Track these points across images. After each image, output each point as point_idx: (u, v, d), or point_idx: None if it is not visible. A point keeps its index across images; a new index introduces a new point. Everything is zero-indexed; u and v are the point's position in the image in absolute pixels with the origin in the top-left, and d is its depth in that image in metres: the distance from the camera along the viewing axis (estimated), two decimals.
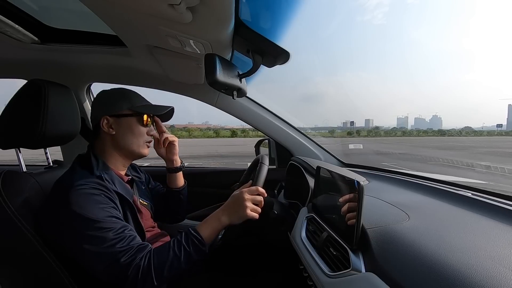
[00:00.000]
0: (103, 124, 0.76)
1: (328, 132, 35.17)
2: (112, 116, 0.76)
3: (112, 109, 0.77)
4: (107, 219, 0.62)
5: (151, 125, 0.83)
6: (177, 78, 1.19)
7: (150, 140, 0.83)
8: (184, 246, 0.65)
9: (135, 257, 0.60)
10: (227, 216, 0.72)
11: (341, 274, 0.52)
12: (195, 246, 0.66)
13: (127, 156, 0.81)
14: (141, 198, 0.85)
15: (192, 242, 0.66)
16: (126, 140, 0.78)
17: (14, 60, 1.11)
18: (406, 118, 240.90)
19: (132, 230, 0.67)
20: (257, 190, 0.75)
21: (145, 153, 0.82)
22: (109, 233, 0.61)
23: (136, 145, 0.79)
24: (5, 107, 0.74)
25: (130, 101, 0.79)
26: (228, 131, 42.86)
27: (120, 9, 0.60)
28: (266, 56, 0.75)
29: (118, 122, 0.77)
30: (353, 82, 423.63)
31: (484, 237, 0.48)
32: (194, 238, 0.66)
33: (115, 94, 0.80)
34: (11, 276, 0.68)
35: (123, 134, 0.77)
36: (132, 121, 0.78)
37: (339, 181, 0.65)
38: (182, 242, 0.65)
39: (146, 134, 0.81)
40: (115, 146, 0.78)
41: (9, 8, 0.83)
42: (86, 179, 0.66)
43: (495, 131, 57.56)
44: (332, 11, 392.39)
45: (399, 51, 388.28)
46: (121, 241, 0.61)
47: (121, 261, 0.59)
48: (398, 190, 0.88)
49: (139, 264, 0.60)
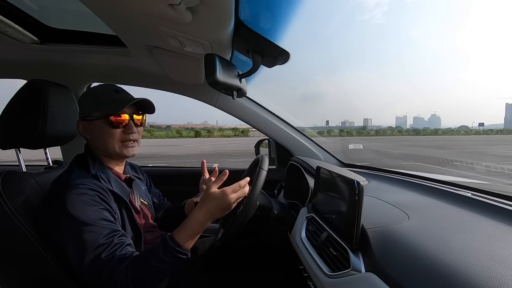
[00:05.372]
0: (79, 130, 0.74)
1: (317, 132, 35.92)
2: (84, 120, 0.73)
3: (82, 113, 0.74)
4: (98, 222, 0.62)
5: (129, 122, 0.73)
6: (177, 78, 1.19)
7: (129, 139, 0.74)
8: (161, 257, 0.62)
9: (114, 271, 0.59)
10: (210, 218, 0.68)
11: (341, 274, 0.52)
12: (173, 256, 0.63)
13: (111, 157, 0.76)
14: (141, 197, 0.85)
15: (170, 252, 0.63)
16: (101, 143, 0.73)
17: (14, 60, 1.11)
18: (405, 118, 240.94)
19: (124, 234, 0.66)
20: (239, 186, 0.70)
21: (126, 153, 0.74)
22: (98, 237, 0.60)
23: (112, 147, 0.72)
24: (5, 107, 0.74)
25: (96, 101, 0.72)
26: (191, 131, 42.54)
27: (120, 9, 0.60)
28: (266, 56, 0.75)
29: (90, 126, 0.73)
30: (352, 81, 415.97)
31: (484, 237, 0.48)
32: (172, 249, 0.63)
33: (86, 96, 0.76)
34: (11, 276, 0.68)
35: (96, 138, 0.73)
36: (100, 124, 0.71)
37: (339, 181, 0.65)
38: (160, 253, 0.62)
39: (122, 134, 0.73)
40: (95, 149, 0.75)
41: (9, 8, 0.83)
42: (82, 179, 0.66)
43: (473, 129, 58.64)
44: (332, 11, 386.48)
45: (399, 51, 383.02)
46: (106, 249, 0.60)
47: (102, 271, 0.59)
48: (398, 190, 0.88)
49: (117, 279, 0.59)
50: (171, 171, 1.52)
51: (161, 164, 8.50)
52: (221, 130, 46.57)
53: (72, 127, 0.81)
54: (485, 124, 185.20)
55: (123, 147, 0.74)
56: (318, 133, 13.07)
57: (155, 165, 1.33)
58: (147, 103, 0.76)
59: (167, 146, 17.99)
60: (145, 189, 0.93)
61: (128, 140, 0.74)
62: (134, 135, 0.75)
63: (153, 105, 0.78)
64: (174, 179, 1.44)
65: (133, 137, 0.75)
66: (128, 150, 0.74)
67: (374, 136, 46.83)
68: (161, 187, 1.10)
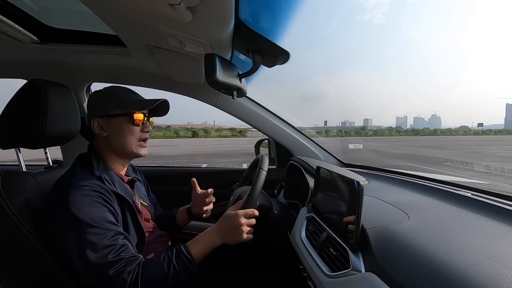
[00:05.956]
0: (94, 127, 0.74)
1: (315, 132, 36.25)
2: (101, 117, 0.74)
3: (100, 110, 0.74)
4: (103, 224, 0.61)
5: (146, 122, 0.78)
6: (177, 78, 1.19)
7: (145, 138, 0.79)
8: (174, 264, 0.63)
9: (123, 270, 0.59)
10: (221, 238, 0.71)
11: (341, 274, 0.52)
12: (185, 265, 0.64)
13: (122, 156, 0.78)
14: (141, 199, 0.85)
15: (182, 261, 0.65)
16: (118, 141, 0.75)
17: (14, 60, 1.10)
18: (405, 118, 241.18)
19: (126, 237, 0.66)
20: (253, 213, 0.74)
21: (141, 153, 0.78)
22: (103, 239, 0.60)
23: (129, 146, 0.75)
24: (5, 107, 0.74)
25: (117, 99, 0.75)
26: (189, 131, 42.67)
27: (120, 9, 0.60)
28: (266, 56, 0.75)
29: (108, 123, 0.74)
30: (353, 81, 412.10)
31: (484, 237, 0.48)
32: (184, 257, 0.65)
33: (104, 94, 0.77)
34: (11, 276, 0.68)
35: (114, 135, 0.74)
36: (122, 121, 0.74)
37: (339, 181, 0.65)
38: (173, 260, 0.64)
39: (140, 133, 0.77)
40: (109, 147, 0.76)
41: (9, 8, 0.83)
42: (86, 180, 0.66)
43: (472, 130, 59.09)
44: (332, 11, 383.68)
45: (400, 51, 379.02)
46: (112, 251, 0.60)
47: (109, 272, 0.58)
48: (398, 190, 0.88)
49: (126, 279, 0.59)
50: (169, 171, 1.52)
51: (151, 164, 8.60)
52: (219, 130, 46.62)
53: (72, 127, 0.81)
54: (486, 124, 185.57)
55: (139, 146, 0.78)
56: (316, 133, 13.22)
57: (144, 165, 1.33)
58: (164, 106, 0.82)
59: (162, 146, 18.02)
60: (145, 190, 0.93)
61: (145, 139, 0.79)
62: (148, 134, 0.80)
63: (168, 108, 0.83)
64: (172, 179, 1.44)
65: (147, 136, 0.80)
66: (142, 149, 0.79)
67: (372, 136, 46.92)
68: (158, 187, 1.10)
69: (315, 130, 37.69)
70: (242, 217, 0.71)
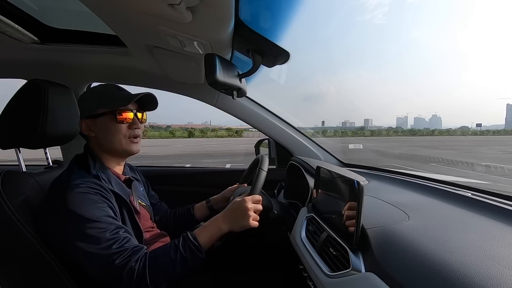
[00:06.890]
0: (82, 128, 0.75)
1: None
2: (88, 118, 0.74)
3: (86, 111, 0.74)
4: (103, 218, 0.62)
5: (134, 118, 0.75)
6: (177, 78, 1.19)
7: (135, 135, 0.76)
8: (180, 251, 0.64)
9: (130, 259, 0.60)
10: (228, 224, 0.72)
11: (341, 274, 0.52)
12: (192, 252, 0.65)
13: (115, 155, 0.78)
14: (139, 198, 0.85)
15: (189, 247, 0.65)
16: (106, 139, 0.74)
17: (14, 60, 1.11)
18: (406, 118, 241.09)
19: (127, 231, 0.66)
20: (259, 200, 0.76)
21: (132, 149, 0.76)
22: (105, 233, 0.60)
23: (118, 144, 0.74)
24: (5, 107, 0.74)
25: (101, 99, 0.74)
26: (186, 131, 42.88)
27: (120, 9, 0.60)
28: (266, 56, 0.75)
29: (95, 123, 0.74)
30: (353, 81, 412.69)
31: (484, 237, 0.48)
32: (191, 244, 0.66)
33: (88, 95, 0.78)
34: (11, 276, 0.68)
35: (102, 135, 0.74)
36: (106, 120, 0.73)
37: (339, 181, 0.65)
38: (179, 247, 0.65)
39: (128, 130, 0.75)
40: (101, 147, 0.76)
41: (9, 8, 0.83)
42: (83, 178, 0.66)
43: (471, 130, 59.20)
44: (332, 11, 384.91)
45: (400, 51, 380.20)
46: (116, 242, 0.61)
47: (116, 263, 0.59)
48: (398, 190, 0.88)
49: (134, 267, 0.59)
50: (169, 171, 1.52)
51: (138, 164, 8.71)
52: (215, 130, 46.70)
53: (72, 127, 0.81)
54: (487, 124, 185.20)
55: (130, 143, 0.76)
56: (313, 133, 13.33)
57: (135, 165, 1.32)
58: (151, 99, 0.78)
59: (153, 146, 18.07)
60: (143, 191, 0.93)
61: (134, 135, 0.76)
62: (139, 130, 0.77)
63: (156, 100, 0.79)
64: (173, 179, 1.44)
65: (138, 133, 0.77)
66: (133, 146, 0.76)
67: (369, 136, 46.94)
68: (158, 187, 1.10)
69: (313, 130, 37.66)
70: (250, 202, 0.73)
